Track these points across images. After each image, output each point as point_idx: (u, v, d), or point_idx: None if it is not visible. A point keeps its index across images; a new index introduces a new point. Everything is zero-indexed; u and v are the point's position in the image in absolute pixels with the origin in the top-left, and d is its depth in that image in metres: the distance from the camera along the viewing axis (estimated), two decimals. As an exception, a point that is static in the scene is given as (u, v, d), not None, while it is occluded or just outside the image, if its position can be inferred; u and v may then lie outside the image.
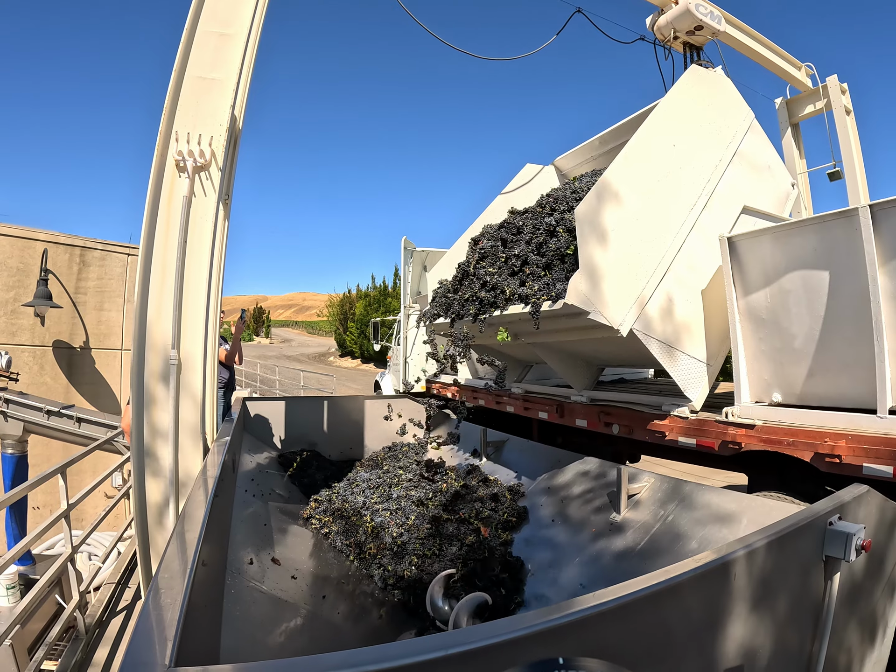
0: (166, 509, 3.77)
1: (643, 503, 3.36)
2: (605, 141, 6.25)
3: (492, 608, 2.92)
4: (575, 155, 6.73)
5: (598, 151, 6.42)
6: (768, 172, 5.34)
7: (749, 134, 5.13)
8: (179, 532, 2.02)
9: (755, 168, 5.16)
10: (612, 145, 6.15)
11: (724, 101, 5.09)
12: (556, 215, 4.49)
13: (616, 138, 6.03)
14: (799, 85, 8.36)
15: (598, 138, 6.29)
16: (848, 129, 7.93)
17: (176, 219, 3.84)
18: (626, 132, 5.67)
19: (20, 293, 9.25)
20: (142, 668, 1.14)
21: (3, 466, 7.38)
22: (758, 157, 5.22)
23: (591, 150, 6.50)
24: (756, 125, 5.26)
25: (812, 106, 8.38)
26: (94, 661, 4.05)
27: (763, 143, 5.35)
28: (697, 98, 4.83)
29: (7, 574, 5.93)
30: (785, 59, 8.06)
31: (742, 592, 1.76)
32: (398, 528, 3.69)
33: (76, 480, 5.69)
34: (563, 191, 5.09)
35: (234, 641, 2.06)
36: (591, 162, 6.61)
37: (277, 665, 1.17)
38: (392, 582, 3.25)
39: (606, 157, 6.26)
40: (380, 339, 15.92)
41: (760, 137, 5.31)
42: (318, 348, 70.77)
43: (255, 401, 6.14)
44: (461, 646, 1.20)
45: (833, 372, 3.77)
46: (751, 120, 5.21)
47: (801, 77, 8.29)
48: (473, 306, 4.55)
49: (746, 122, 5.16)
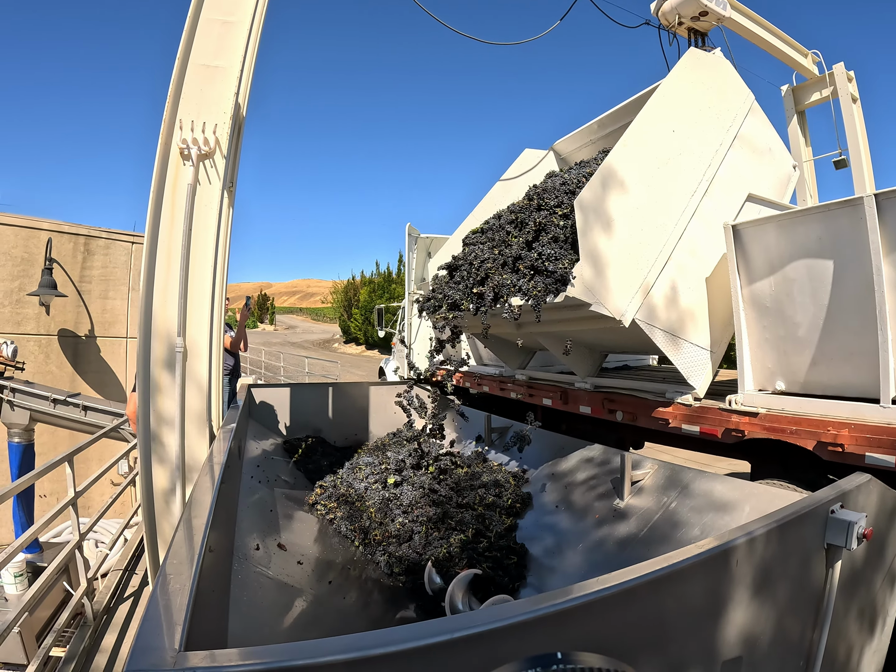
0: (173, 496, 3.80)
1: (646, 490, 3.38)
2: (604, 124, 6.22)
3: (493, 590, 2.95)
4: (574, 139, 6.69)
5: (598, 135, 6.38)
6: (769, 155, 5.28)
7: (749, 116, 5.07)
8: (187, 518, 2.05)
9: (756, 151, 5.10)
10: (610, 129, 6.12)
11: (724, 83, 5.02)
12: (543, 212, 4.46)
13: (615, 122, 6.01)
14: (805, 72, 8.30)
15: (596, 122, 6.26)
16: (854, 118, 7.88)
17: (181, 207, 3.85)
18: (625, 115, 5.65)
19: (25, 282, 9.27)
20: (152, 653, 1.16)
21: (10, 455, 7.42)
22: (758, 140, 5.15)
23: (590, 133, 6.46)
24: (756, 107, 5.18)
25: (818, 93, 8.33)
26: (103, 646, 4.11)
27: (763, 126, 5.27)
28: (696, 82, 4.77)
29: (15, 562, 5.99)
30: (791, 45, 8.01)
31: (743, 579, 1.78)
32: (402, 513, 3.71)
33: (82, 468, 5.73)
34: (553, 182, 5.05)
35: (241, 626, 2.09)
36: (590, 146, 6.57)
37: (284, 649, 1.19)
38: (397, 568, 3.28)
39: (605, 141, 6.26)
40: (384, 326, 15.94)
41: (761, 119, 5.24)
42: (323, 335, 70.87)
43: (260, 387, 6.16)
44: (466, 629, 1.22)
45: (836, 361, 3.78)
46: (751, 102, 5.13)
47: (808, 64, 8.23)
48: (473, 299, 4.55)
49: (746, 105, 5.09)
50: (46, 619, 5.88)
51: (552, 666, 0.49)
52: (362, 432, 6.05)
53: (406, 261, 9.91)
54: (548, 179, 5.58)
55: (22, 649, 5.29)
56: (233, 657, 1.17)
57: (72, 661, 3.91)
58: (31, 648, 5.28)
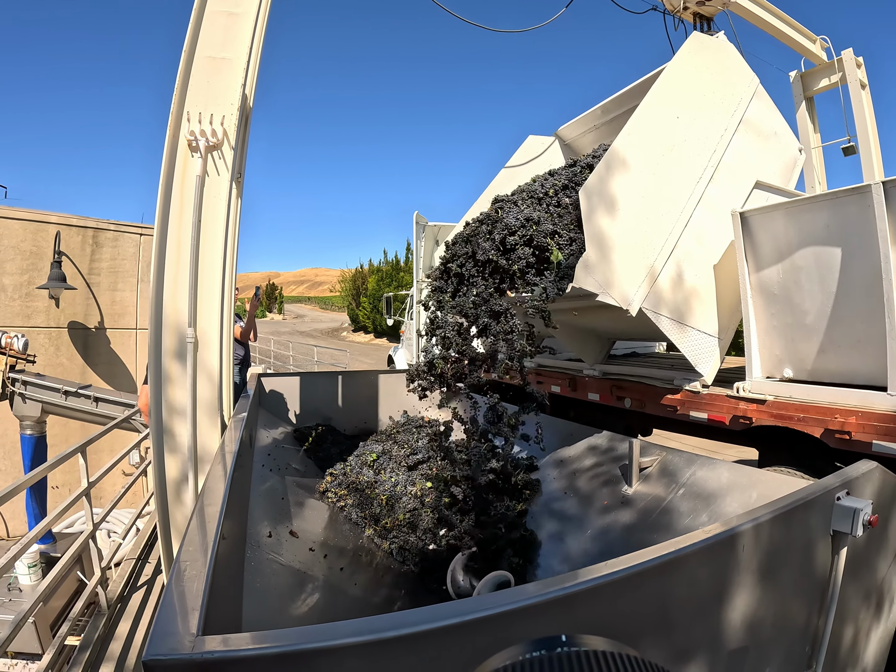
0: (185, 485, 3.83)
1: (654, 477, 3.40)
2: (608, 110, 6.15)
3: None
4: (577, 124, 6.62)
5: (601, 120, 6.31)
6: (775, 139, 5.21)
7: (754, 100, 4.98)
8: (201, 507, 2.07)
9: (761, 135, 5.04)
10: (614, 114, 6.06)
11: (728, 67, 4.94)
12: (540, 209, 4.45)
13: (618, 106, 5.94)
14: (814, 58, 8.23)
15: (600, 107, 6.19)
16: (863, 104, 7.81)
17: (190, 198, 3.86)
18: (629, 100, 5.60)
19: (34, 276, 9.33)
20: (171, 638, 1.18)
21: (22, 447, 7.47)
22: (764, 124, 5.08)
23: (594, 119, 6.40)
24: (761, 90, 5.10)
25: (827, 80, 8.25)
26: (117, 634, 4.15)
27: (768, 109, 5.19)
28: (700, 66, 4.70)
29: (29, 553, 6.06)
30: (799, 31, 7.93)
31: (750, 565, 1.79)
32: (412, 500, 3.74)
33: (94, 459, 5.78)
34: (544, 181, 5.04)
35: (255, 612, 2.12)
36: (594, 131, 6.50)
37: (299, 632, 1.21)
38: (407, 554, 3.31)
39: (609, 126, 6.20)
40: (393, 314, 15.96)
41: (766, 103, 5.16)
42: (331, 323, 70.96)
43: (269, 377, 6.18)
44: (477, 612, 1.24)
45: (844, 349, 3.78)
46: (756, 85, 5.05)
47: (816, 50, 8.15)
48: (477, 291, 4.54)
49: (751, 88, 5.01)
50: (61, 609, 5.97)
51: (557, 648, 0.51)
52: (372, 420, 6.08)
53: (414, 249, 9.94)
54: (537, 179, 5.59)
55: (37, 639, 5.38)
56: (250, 641, 1.19)
57: (86, 649, 3.95)
58: (45, 638, 5.37)
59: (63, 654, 4.21)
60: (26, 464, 7.40)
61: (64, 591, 6.08)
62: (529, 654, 0.51)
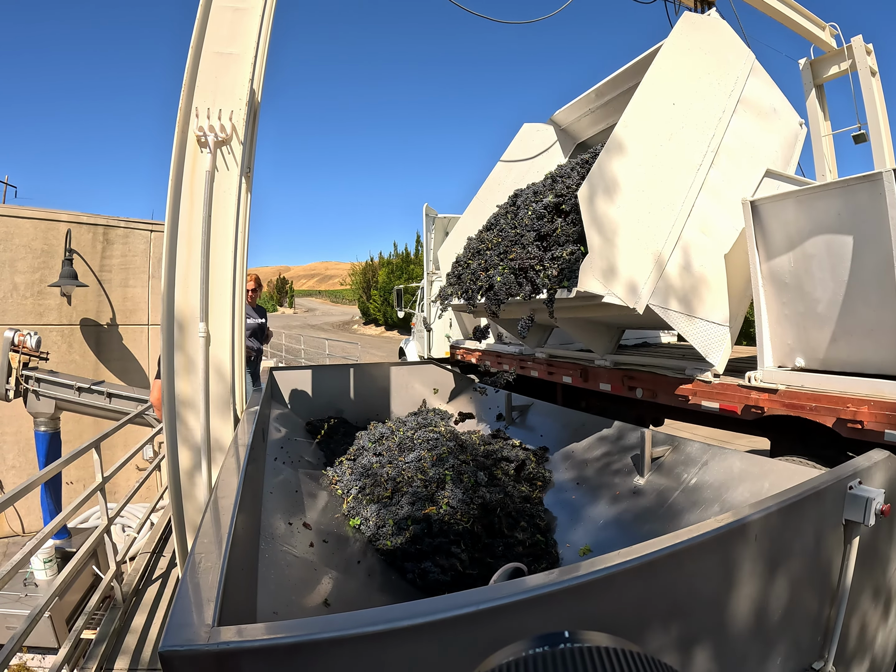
0: (199, 479, 3.86)
1: (666, 467, 3.40)
2: (602, 93, 6.05)
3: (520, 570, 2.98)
4: (572, 109, 6.54)
5: (596, 104, 6.24)
6: (774, 115, 5.03)
7: (751, 78, 4.81)
8: (215, 500, 2.09)
9: (761, 113, 4.88)
10: (609, 97, 6.00)
11: (722, 46, 4.77)
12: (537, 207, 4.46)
13: (613, 89, 5.88)
14: (823, 45, 8.17)
15: (594, 91, 6.08)
16: (873, 91, 7.75)
17: (199, 194, 3.88)
18: (623, 82, 5.57)
19: (46, 274, 9.40)
20: (187, 629, 1.20)
21: (37, 444, 7.56)
22: (762, 101, 4.91)
23: (588, 102, 6.31)
24: (758, 66, 4.91)
25: (837, 67, 8.19)
26: (132, 627, 4.19)
27: (766, 85, 5.00)
28: (693, 48, 4.54)
29: (44, 548, 6.12)
30: (808, 18, 7.87)
31: (762, 554, 1.79)
32: (426, 490, 3.74)
33: (108, 455, 5.81)
34: (543, 184, 5.03)
35: (269, 603, 2.14)
36: (589, 115, 6.45)
37: (315, 622, 1.23)
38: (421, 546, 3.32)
39: (604, 109, 6.17)
40: (403, 307, 15.98)
41: (763, 80, 4.97)
42: (342, 317, 71.16)
43: (281, 370, 6.22)
44: (492, 601, 1.25)
45: (856, 337, 3.76)
46: (751, 62, 4.86)
47: (826, 37, 8.09)
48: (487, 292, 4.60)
49: (747, 66, 4.82)
50: (76, 603, 6.03)
51: (559, 644, 0.51)
52: (384, 412, 6.10)
53: (424, 241, 9.94)
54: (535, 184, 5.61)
55: (53, 633, 5.44)
56: (264, 631, 1.20)
57: (102, 642, 3.99)
58: (61, 632, 5.44)
59: (79, 648, 4.25)
60: (41, 460, 7.48)
61: (79, 585, 6.15)
62: (532, 650, 0.51)
